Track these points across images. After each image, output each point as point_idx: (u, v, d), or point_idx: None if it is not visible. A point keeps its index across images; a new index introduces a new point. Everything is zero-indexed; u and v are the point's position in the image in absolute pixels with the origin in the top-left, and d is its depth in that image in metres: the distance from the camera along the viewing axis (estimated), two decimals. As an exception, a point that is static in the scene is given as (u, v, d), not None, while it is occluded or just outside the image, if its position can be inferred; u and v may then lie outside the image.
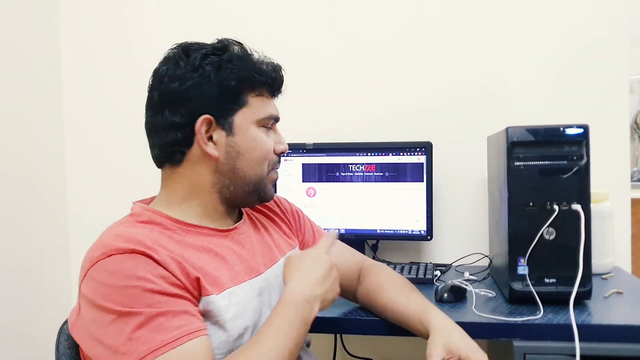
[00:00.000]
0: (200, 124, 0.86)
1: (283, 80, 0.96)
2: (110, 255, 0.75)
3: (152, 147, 0.91)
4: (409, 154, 1.53)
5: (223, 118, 0.88)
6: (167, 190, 0.92)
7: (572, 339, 0.99)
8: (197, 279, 0.80)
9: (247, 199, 0.93)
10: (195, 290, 0.80)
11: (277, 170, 0.97)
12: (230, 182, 0.90)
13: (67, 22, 1.80)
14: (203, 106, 0.87)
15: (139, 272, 0.74)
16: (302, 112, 1.70)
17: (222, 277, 0.84)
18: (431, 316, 0.97)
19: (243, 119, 0.89)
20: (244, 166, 0.90)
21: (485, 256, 1.56)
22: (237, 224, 0.95)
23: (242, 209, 1.01)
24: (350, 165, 1.56)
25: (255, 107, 0.90)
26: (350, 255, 1.17)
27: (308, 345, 1.00)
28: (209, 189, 0.90)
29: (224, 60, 0.88)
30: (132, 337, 0.71)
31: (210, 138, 0.88)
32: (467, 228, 1.63)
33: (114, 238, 0.78)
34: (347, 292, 1.16)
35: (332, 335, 1.60)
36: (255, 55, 0.93)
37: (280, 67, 0.95)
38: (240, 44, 0.92)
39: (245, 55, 0.91)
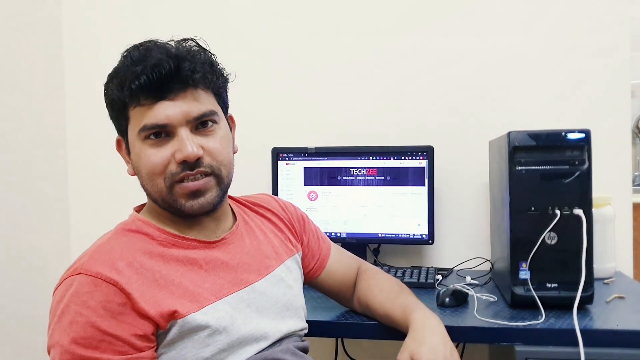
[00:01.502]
0: (116, 144, 0.92)
1: (167, 75, 0.81)
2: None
3: None
4: (410, 158, 1.53)
5: (123, 136, 0.89)
6: (147, 197, 0.93)
7: (574, 344, 0.99)
8: (172, 313, 0.79)
9: (174, 212, 0.87)
10: (164, 320, 0.78)
11: (189, 181, 0.84)
12: (150, 197, 0.89)
13: (70, 22, 1.80)
14: (115, 128, 0.90)
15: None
16: (303, 116, 1.70)
17: (204, 293, 0.83)
18: (413, 316, 0.95)
19: (131, 135, 0.86)
20: (144, 184, 0.87)
21: (487, 260, 1.56)
22: (226, 234, 0.93)
23: (236, 215, 0.99)
24: (352, 169, 1.56)
25: (134, 120, 0.84)
26: (348, 259, 1.16)
27: (306, 351, 0.99)
28: (151, 201, 0.90)
29: (108, 77, 0.87)
30: None
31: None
32: (469, 232, 1.63)
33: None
34: (343, 298, 1.16)
35: (334, 340, 1.59)
36: (133, 57, 0.83)
37: (164, 60, 0.81)
38: (138, 46, 0.85)
39: (122, 65, 0.84)
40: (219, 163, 0.87)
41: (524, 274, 1.15)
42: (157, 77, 0.80)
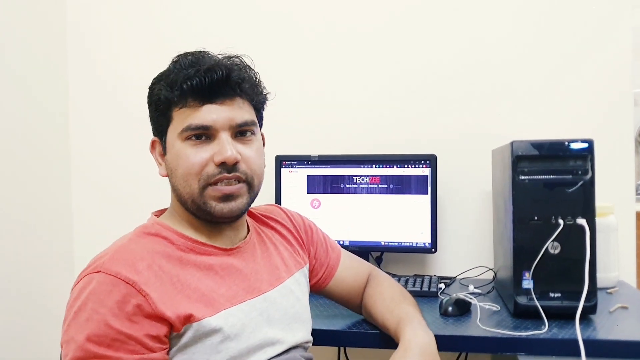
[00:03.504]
0: (151, 145, 0.94)
1: (218, 80, 0.86)
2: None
3: None
4: (413, 166, 1.53)
5: (161, 138, 0.91)
6: (170, 203, 0.95)
7: (577, 354, 0.99)
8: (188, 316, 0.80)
9: (201, 214, 0.89)
10: (179, 323, 0.79)
11: (222, 185, 0.87)
12: (179, 198, 0.90)
13: (74, 22, 1.81)
14: (152, 128, 0.93)
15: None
16: (307, 123, 1.71)
17: (219, 298, 0.85)
18: (404, 331, 0.94)
19: (171, 135, 0.89)
20: (176, 184, 0.89)
21: (490, 269, 1.56)
22: (241, 242, 0.95)
23: (249, 226, 1.01)
24: (354, 177, 1.57)
25: (178, 121, 0.87)
26: (358, 266, 1.17)
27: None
28: (178, 204, 0.92)
29: (155, 79, 0.91)
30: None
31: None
32: (472, 241, 1.63)
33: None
34: (353, 305, 1.16)
35: (336, 348, 1.59)
36: (184, 62, 0.87)
37: (216, 65, 0.86)
38: (188, 54, 0.89)
39: (173, 69, 0.88)
40: (252, 172, 0.90)
41: (527, 283, 1.14)
42: (208, 81, 0.85)
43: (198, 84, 0.85)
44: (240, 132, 0.90)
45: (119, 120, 1.81)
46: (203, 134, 0.86)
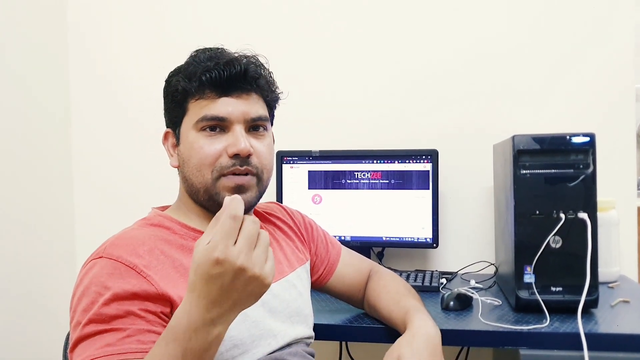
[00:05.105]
0: (163, 137, 0.95)
1: (236, 74, 0.87)
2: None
3: None
4: (415, 161, 1.53)
5: (175, 129, 0.93)
6: (178, 195, 0.96)
7: (579, 348, 0.99)
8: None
9: (210, 206, 0.90)
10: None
11: (235, 176, 0.87)
12: (190, 189, 0.91)
13: (75, 22, 1.81)
14: (166, 120, 0.94)
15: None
16: (308, 119, 1.71)
17: None
18: (412, 321, 0.95)
19: (185, 126, 0.90)
20: (189, 174, 0.90)
21: (491, 264, 1.56)
22: None
23: None
24: (356, 173, 1.57)
25: (193, 111, 0.89)
26: (359, 262, 1.17)
27: (312, 356, 1.00)
28: (187, 196, 0.93)
29: (173, 72, 0.92)
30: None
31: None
32: (473, 236, 1.63)
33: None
34: (355, 301, 1.17)
35: (338, 343, 1.60)
36: (203, 56, 0.89)
37: (235, 60, 0.88)
38: (206, 49, 0.91)
39: (192, 62, 0.90)
40: (262, 166, 0.91)
41: (529, 277, 1.15)
42: (226, 74, 0.87)
43: (216, 76, 0.86)
44: (254, 126, 0.91)
45: (120, 120, 1.81)
46: (217, 126, 0.88)
